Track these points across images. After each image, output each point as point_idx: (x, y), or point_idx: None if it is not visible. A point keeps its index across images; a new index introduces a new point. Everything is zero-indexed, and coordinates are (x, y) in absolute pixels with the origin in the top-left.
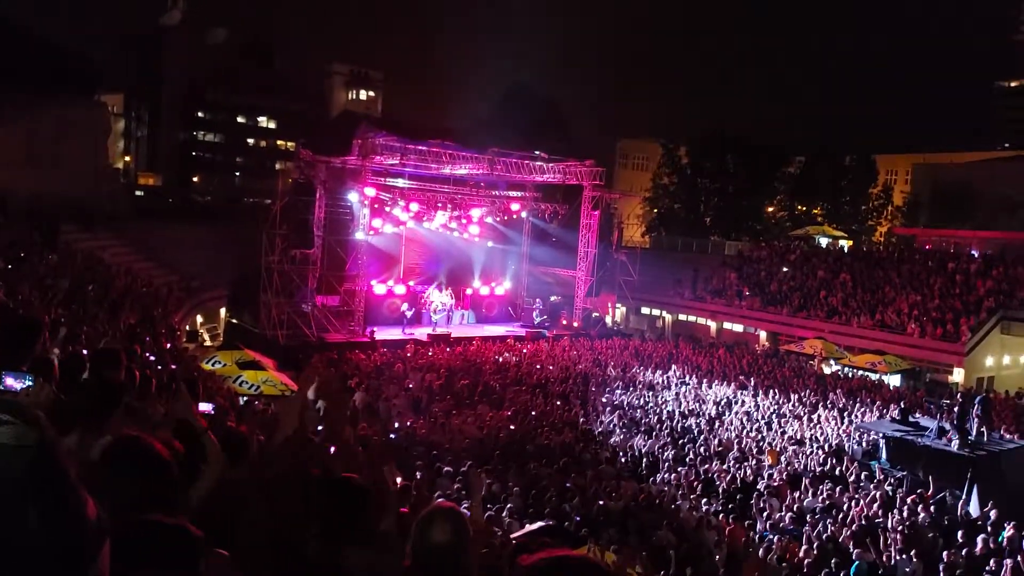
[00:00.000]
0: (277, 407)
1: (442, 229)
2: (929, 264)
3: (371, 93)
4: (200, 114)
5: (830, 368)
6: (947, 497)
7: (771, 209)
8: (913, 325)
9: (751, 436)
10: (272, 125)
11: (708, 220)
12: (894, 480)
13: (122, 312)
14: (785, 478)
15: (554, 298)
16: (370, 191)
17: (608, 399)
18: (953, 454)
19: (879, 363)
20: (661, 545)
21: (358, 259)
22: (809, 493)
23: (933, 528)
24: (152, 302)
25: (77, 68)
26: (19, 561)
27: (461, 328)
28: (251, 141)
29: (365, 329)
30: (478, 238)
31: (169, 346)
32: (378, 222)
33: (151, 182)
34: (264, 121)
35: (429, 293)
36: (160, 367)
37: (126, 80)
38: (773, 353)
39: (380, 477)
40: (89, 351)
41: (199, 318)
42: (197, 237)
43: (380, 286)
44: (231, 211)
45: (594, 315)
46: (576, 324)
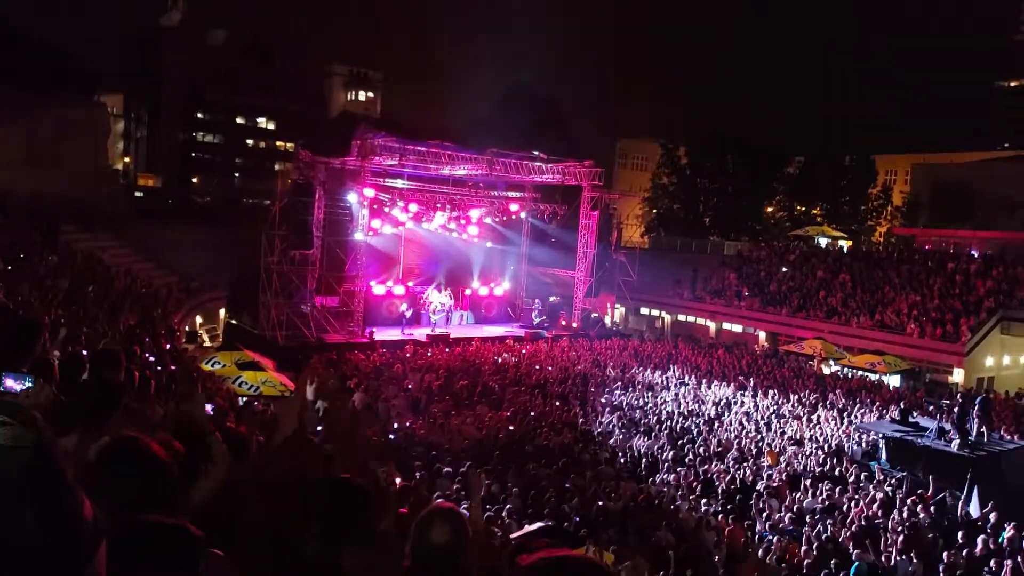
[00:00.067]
0: (276, 408)
1: (441, 230)
2: (929, 264)
3: (370, 94)
4: (200, 115)
5: (829, 368)
6: (947, 498)
7: (770, 209)
8: (913, 325)
9: (750, 437)
10: (271, 126)
11: (707, 220)
12: (894, 481)
13: (122, 313)
14: (785, 479)
15: (553, 299)
16: (369, 192)
17: (607, 400)
18: (953, 455)
19: (879, 363)
20: (660, 546)
21: (357, 260)
22: (809, 494)
23: (933, 529)
24: (152, 303)
25: (77, 68)
26: (16, 561)
27: (460, 329)
28: (250, 142)
29: (364, 330)
30: (477, 239)
31: (168, 347)
32: (377, 223)
33: (150, 183)
34: (263, 122)
35: (428, 294)
36: (160, 368)
37: (126, 80)
38: (772, 353)
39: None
40: (89, 352)
41: (198, 319)
42: (196, 238)
43: (379, 287)
44: (230, 212)
45: (593, 315)
46: (575, 324)
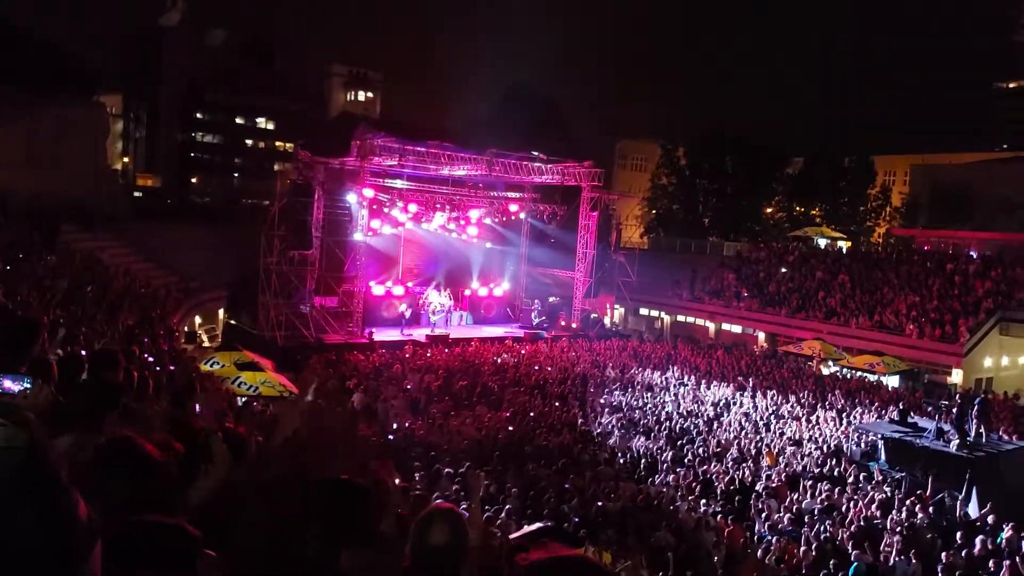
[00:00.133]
0: (276, 408)
1: (440, 230)
2: (928, 265)
3: (370, 94)
4: (199, 115)
5: (828, 369)
6: (946, 498)
7: (770, 210)
8: (912, 326)
9: (750, 437)
10: (271, 126)
11: (707, 221)
12: (893, 481)
13: (120, 313)
14: (784, 479)
15: (552, 299)
16: (368, 192)
17: (606, 400)
18: (952, 455)
19: (877, 364)
20: (660, 546)
21: (356, 260)
22: (808, 494)
23: (932, 529)
24: (151, 303)
25: (77, 68)
26: (10, 561)
27: (459, 329)
28: (250, 142)
29: (363, 330)
30: (476, 239)
31: (167, 347)
32: (376, 223)
33: (150, 183)
34: (263, 122)
35: (427, 294)
36: (158, 368)
37: (125, 80)
38: (771, 354)
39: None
40: (87, 352)
41: (197, 319)
42: (196, 238)
43: (378, 287)
44: (230, 212)
45: (592, 316)
46: (575, 325)
